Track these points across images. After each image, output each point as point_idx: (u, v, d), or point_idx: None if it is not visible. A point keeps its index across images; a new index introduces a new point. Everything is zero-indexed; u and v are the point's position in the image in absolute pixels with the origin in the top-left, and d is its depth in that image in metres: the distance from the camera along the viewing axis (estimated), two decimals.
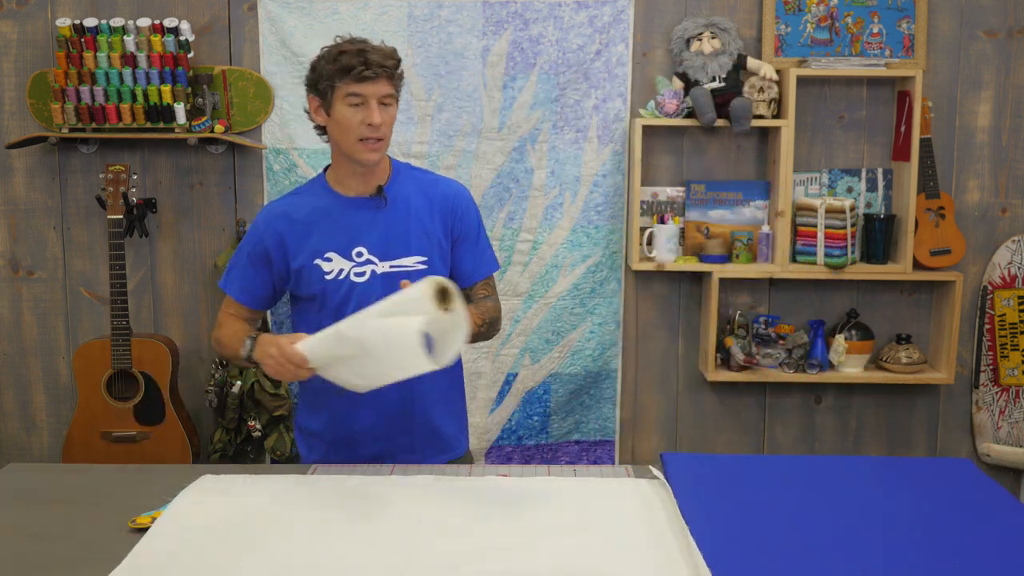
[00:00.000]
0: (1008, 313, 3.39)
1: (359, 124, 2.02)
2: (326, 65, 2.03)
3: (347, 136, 2.04)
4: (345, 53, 2.00)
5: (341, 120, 2.03)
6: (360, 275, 2.09)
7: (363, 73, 1.98)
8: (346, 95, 2.01)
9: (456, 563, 1.49)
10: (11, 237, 3.44)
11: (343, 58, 2.00)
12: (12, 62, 3.34)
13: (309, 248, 2.10)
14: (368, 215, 2.11)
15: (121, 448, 3.21)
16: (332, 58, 2.02)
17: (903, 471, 1.94)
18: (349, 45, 2.02)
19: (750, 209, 3.34)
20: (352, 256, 2.10)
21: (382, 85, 2.02)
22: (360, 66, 1.98)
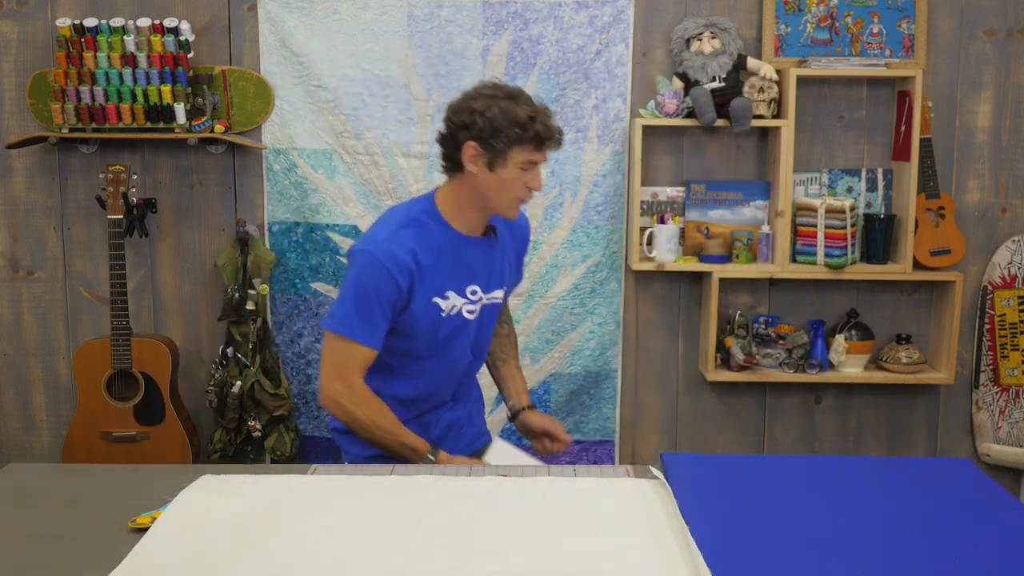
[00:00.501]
0: (1008, 313, 3.39)
1: (522, 187, 2.05)
2: (510, 127, 1.98)
3: (505, 194, 2.05)
4: (535, 121, 1.99)
5: (507, 179, 2.03)
6: (471, 312, 2.15)
7: (547, 145, 2.03)
8: (524, 160, 2.02)
9: (456, 563, 1.49)
10: (11, 237, 3.44)
11: (534, 126, 1.99)
12: (12, 62, 3.34)
13: (432, 287, 2.08)
14: (481, 253, 2.15)
15: (121, 448, 3.21)
16: (520, 123, 1.98)
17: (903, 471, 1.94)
18: (531, 109, 2.00)
19: (750, 209, 3.34)
20: (467, 294, 2.13)
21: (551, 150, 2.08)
22: (548, 137, 2.02)
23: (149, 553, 1.53)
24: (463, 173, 2.05)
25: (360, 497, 1.76)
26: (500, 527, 1.63)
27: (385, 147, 3.31)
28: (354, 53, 3.28)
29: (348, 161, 3.33)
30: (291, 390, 3.41)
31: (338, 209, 3.35)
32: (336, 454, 3.47)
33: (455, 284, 2.10)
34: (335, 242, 3.36)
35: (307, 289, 3.40)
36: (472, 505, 1.73)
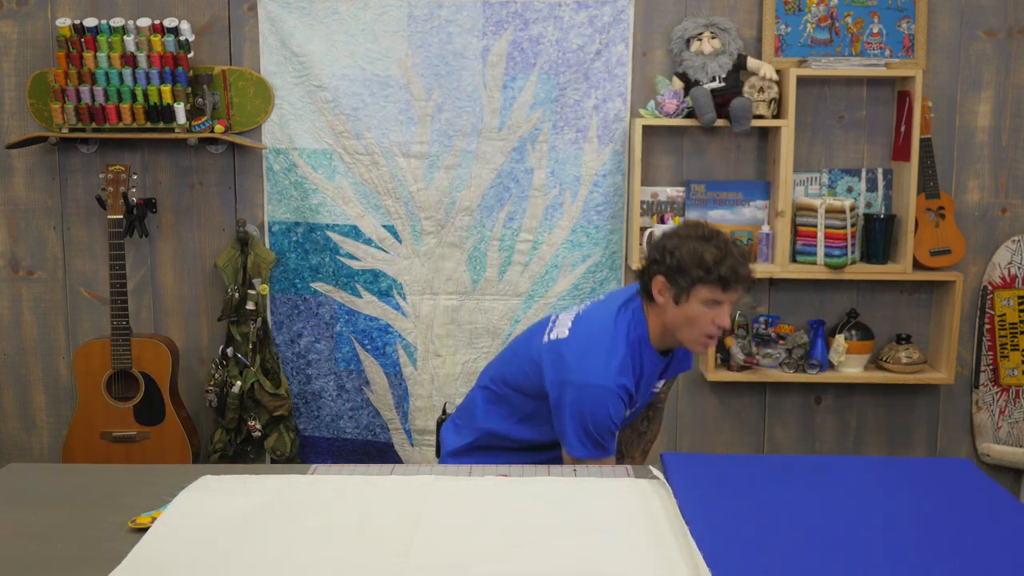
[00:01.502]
0: (1008, 313, 3.39)
1: (709, 323, 2.10)
2: (695, 268, 2.07)
3: (692, 330, 2.13)
4: (720, 265, 2.06)
5: (693, 316, 2.11)
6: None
7: (733, 286, 2.08)
8: (707, 298, 2.09)
9: (456, 563, 1.49)
10: (11, 237, 3.44)
11: (719, 270, 2.06)
12: (12, 62, 3.34)
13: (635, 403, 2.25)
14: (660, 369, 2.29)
15: (121, 448, 3.21)
16: (705, 265, 2.07)
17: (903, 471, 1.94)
18: (719, 253, 2.07)
19: (750, 209, 3.34)
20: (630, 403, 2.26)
21: (739, 292, 2.11)
22: (733, 279, 2.07)
23: (149, 553, 1.53)
24: (655, 303, 2.17)
25: (360, 497, 1.76)
26: (500, 527, 1.63)
27: (385, 147, 3.31)
28: (354, 53, 3.28)
29: (348, 161, 3.33)
30: (291, 390, 3.41)
31: (338, 209, 3.34)
32: (336, 454, 3.48)
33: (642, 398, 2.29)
34: (335, 242, 3.36)
35: (307, 289, 3.40)
36: (472, 505, 1.73)
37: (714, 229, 2.15)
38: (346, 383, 3.43)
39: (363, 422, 3.45)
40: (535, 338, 2.28)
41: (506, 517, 1.67)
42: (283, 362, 3.41)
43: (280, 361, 3.39)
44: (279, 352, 3.41)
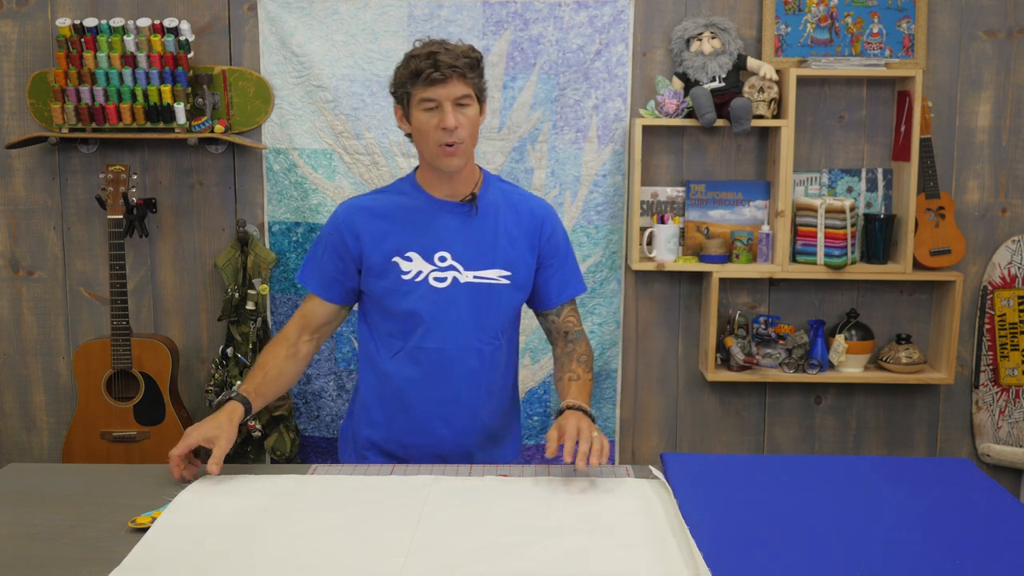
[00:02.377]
0: (1008, 313, 3.39)
1: (435, 129, 1.96)
2: (401, 71, 1.98)
3: (427, 143, 1.99)
4: (415, 57, 1.95)
5: (419, 127, 1.98)
6: (440, 280, 2.04)
7: (432, 76, 1.92)
8: (420, 100, 1.96)
9: (455, 563, 1.49)
10: (11, 237, 3.44)
11: (413, 62, 1.95)
12: (12, 62, 3.34)
13: (390, 244, 2.05)
14: (456, 220, 2.06)
15: (121, 448, 3.21)
16: (405, 63, 1.98)
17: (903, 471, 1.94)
18: (420, 48, 1.96)
19: (750, 209, 3.35)
20: (434, 260, 2.04)
21: (455, 86, 1.94)
22: (429, 69, 1.92)
23: (149, 553, 1.53)
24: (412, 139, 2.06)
25: (360, 497, 1.76)
26: (500, 527, 1.63)
27: (385, 147, 3.31)
28: (354, 53, 3.28)
29: (348, 161, 3.33)
30: (291, 390, 3.41)
31: None
32: (336, 454, 3.47)
33: (421, 246, 2.04)
34: None
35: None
36: (472, 505, 1.73)
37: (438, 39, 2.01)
38: (346, 383, 3.43)
39: None
40: None
41: (505, 517, 1.67)
42: None
43: None
44: None
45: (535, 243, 2.12)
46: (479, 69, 2.01)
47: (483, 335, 2.09)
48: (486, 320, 2.08)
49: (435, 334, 2.06)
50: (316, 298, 2.12)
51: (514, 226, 2.10)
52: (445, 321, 2.05)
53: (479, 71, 2.01)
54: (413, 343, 2.07)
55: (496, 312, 2.09)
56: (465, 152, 2.00)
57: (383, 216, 2.07)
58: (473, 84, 1.99)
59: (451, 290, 2.04)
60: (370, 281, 2.07)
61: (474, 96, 2.00)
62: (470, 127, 1.99)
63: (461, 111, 1.97)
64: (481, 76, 2.02)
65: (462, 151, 1.99)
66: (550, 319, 2.18)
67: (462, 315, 2.06)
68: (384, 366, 2.11)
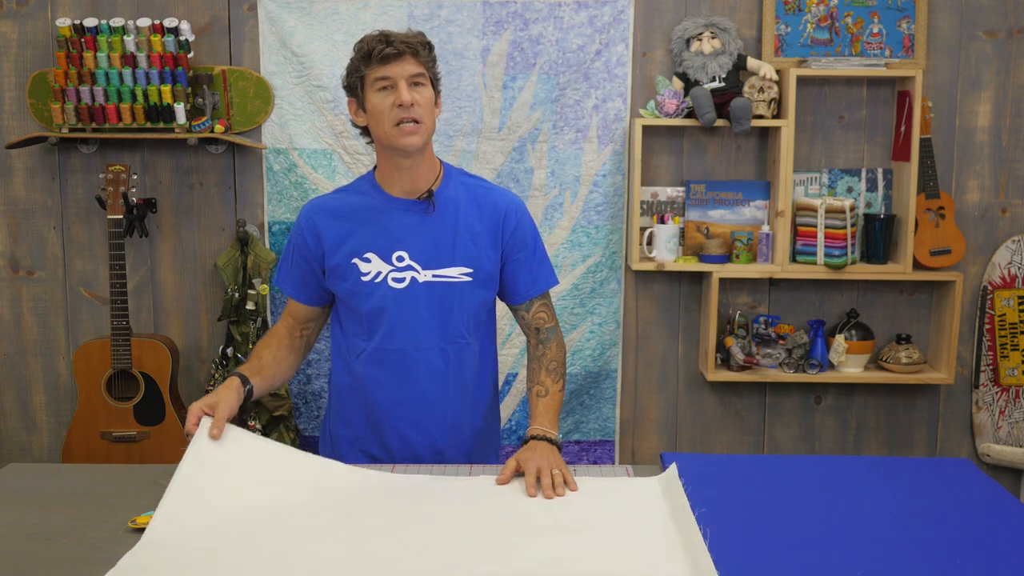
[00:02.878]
0: (1008, 313, 3.39)
1: (391, 107, 1.92)
2: (352, 58, 1.98)
3: (383, 124, 1.94)
4: (366, 40, 1.95)
5: (374, 109, 1.94)
6: (399, 281, 2.02)
7: (384, 52, 1.91)
8: (374, 80, 1.93)
9: (453, 563, 1.49)
10: (11, 237, 3.44)
11: (364, 45, 1.94)
12: (12, 62, 3.34)
13: (349, 246, 2.03)
14: (413, 219, 2.03)
15: (121, 448, 3.21)
16: (356, 49, 1.97)
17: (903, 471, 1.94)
18: (372, 33, 1.97)
19: (750, 209, 3.34)
20: (392, 260, 2.02)
21: (408, 64, 1.92)
22: (381, 46, 1.91)
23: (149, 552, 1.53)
24: (369, 136, 2.03)
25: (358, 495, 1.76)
26: (499, 526, 1.63)
27: None
28: None
29: (348, 161, 3.33)
30: (291, 390, 3.41)
31: None
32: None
33: (378, 246, 2.02)
34: None
35: None
36: (471, 504, 1.73)
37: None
38: None
39: None
40: None
41: (505, 516, 1.67)
42: None
43: None
44: None
45: (498, 238, 2.06)
46: (432, 53, 1.99)
47: (447, 334, 2.05)
48: (448, 319, 2.05)
49: (396, 335, 2.04)
50: (295, 302, 2.13)
51: (476, 221, 2.05)
52: (405, 322, 2.03)
53: (432, 55, 1.99)
54: (375, 344, 2.06)
55: (459, 310, 2.05)
56: (425, 132, 1.96)
57: (342, 216, 2.05)
58: (426, 65, 1.96)
59: (410, 290, 2.02)
60: (333, 282, 2.07)
61: (428, 77, 1.97)
62: (427, 107, 1.95)
63: (416, 90, 1.94)
64: (434, 62, 1.99)
65: (421, 130, 1.95)
66: (520, 315, 2.14)
67: (422, 315, 2.03)
68: (352, 366, 2.11)
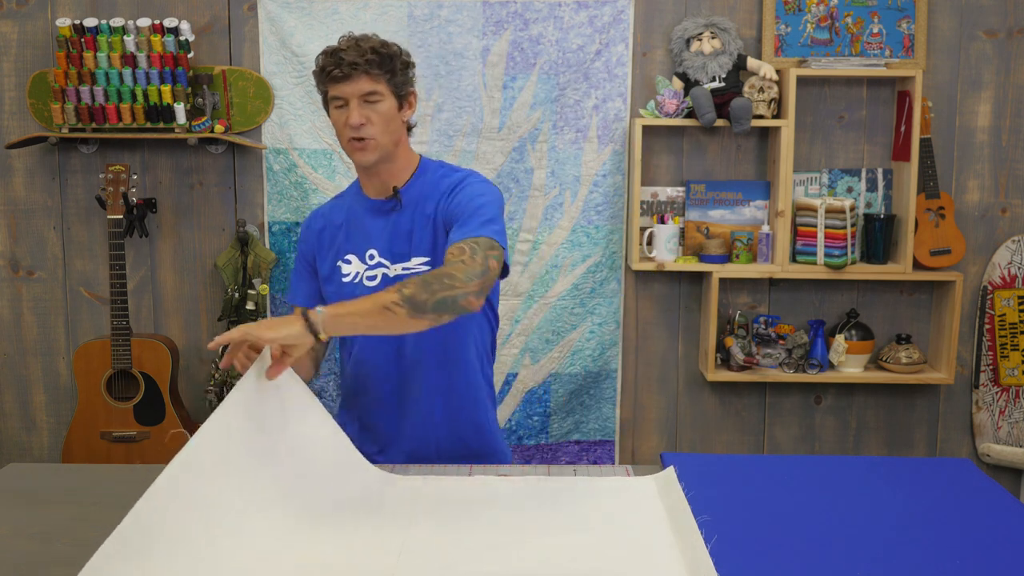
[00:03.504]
0: (1008, 313, 3.39)
1: (344, 126, 1.95)
2: (315, 67, 1.98)
3: (341, 140, 1.99)
4: (323, 54, 1.94)
5: (333, 123, 1.99)
6: (371, 279, 2.04)
7: (333, 73, 1.91)
8: (331, 98, 1.96)
9: (452, 563, 1.49)
10: (11, 237, 3.44)
11: (319, 59, 1.95)
12: (12, 62, 3.34)
13: (334, 250, 2.08)
14: (382, 218, 2.05)
15: (121, 448, 3.21)
16: (316, 59, 1.98)
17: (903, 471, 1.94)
18: (331, 45, 1.95)
19: (750, 209, 3.34)
20: (365, 259, 2.05)
21: (360, 83, 1.91)
22: (331, 67, 1.92)
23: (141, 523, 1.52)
24: None
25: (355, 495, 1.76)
26: (499, 526, 1.63)
27: None
28: None
29: (348, 161, 3.33)
30: None
31: None
32: None
33: (355, 247, 2.06)
34: None
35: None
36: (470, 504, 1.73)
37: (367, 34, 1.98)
38: None
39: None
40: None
41: (505, 517, 1.67)
42: None
43: None
44: None
45: (438, 214, 2.01)
46: (391, 64, 1.95)
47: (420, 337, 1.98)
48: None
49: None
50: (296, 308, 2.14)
51: (432, 207, 2.02)
52: None
53: (390, 66, 1.95)
54: (358, 343, 2.09)
55: None
56: (378, 148, 1.96)
57: (332, 223, 2.10)
58: (384, 79, 1.94)
59: (381, 287, 2.01)
60: (324, 288, 2.11)
61: (387, 92, 1.95)
62: (381, 123, 1.95)
63: (370, 107, 1.94)
64: (394, 72, 1.96)
65: (372, 146, 1.95)
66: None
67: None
68: (346, 367, 2.16)
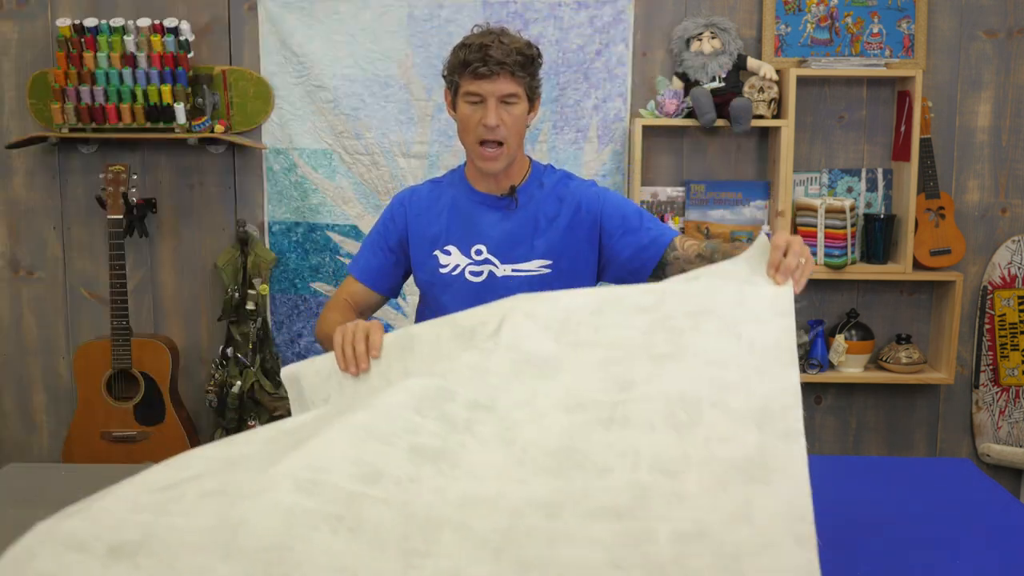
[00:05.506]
0: (1008, 313, 3.39)
1: (477, 124, 1.90)
2: (452, 58, 1.92)
3: (467, 136, 1.94)
4: (467, 47, 1.88)
5: (462, 118, 1.93)
6: (476, 275, 2.01)
7: (478, 70, 1.86)
8: (465, 93, 1.90)
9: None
10: (11, 237, 3.44)
11: (463, 52, 1.88)
12: (12, 62, 3.34)
13: (431, 237, 2.03)
14: (495, 214, 2.02)
15: (121, 448, 3.21)
16: (456, 50, 1.91)
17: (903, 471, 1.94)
18: (476, 37, 1.89)
19: (750, 209, 3.35)
20: (471, 253, 2.01)
21: (503, 83, 1.87)
22: (477, 63, 1.85)
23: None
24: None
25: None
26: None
27: (385, 147, 3.31)
28: (354, 53, 3.28)
29: (348, 161, 3.33)
30: None
31: (338, 209, 3.35)
32: None
33: (458, 239, 2.02)
34: (335, 242, 3.36)
35: (307, 289, 3.40)
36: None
37: (503, 27, 1.93)
38: None
39: None
40: None
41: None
42: (283, 362, 3.41)
43: (280, 361, 3.39)
44: (279, 352, 3.41)
45: (586, 225, 2.01)
46: (532, 67, 1.93)
47: None
48: None
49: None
50: (358, 284, 2.10)
51: (555, 214, 2.02)
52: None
53: (532, 69, 1.93)
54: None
55: None
56: (507, 154, 1.95)
57: (430, 208, 2.06)
58: (523, 83, 1.91)
59: (487, 284, 2.00)
60: (416, 273, 2.09)
61: (523, 95, 1.92)
62: (514, 125, 1.92)
63: (505, 109, 1.91)
64: (534, 75, 1.94)
65: (503, 153, 1.93)
66: (673, 257, 1.96)
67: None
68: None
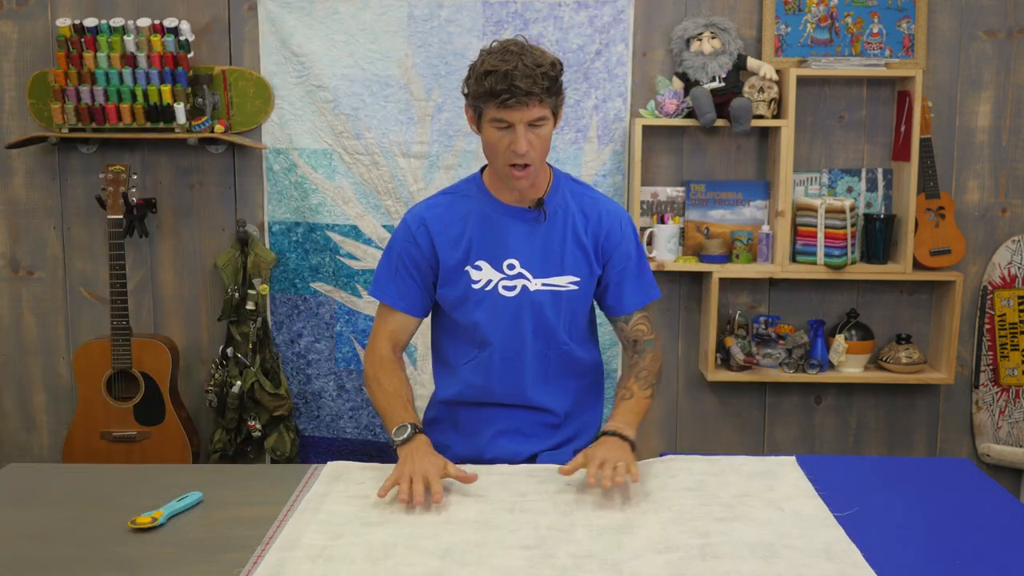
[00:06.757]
0: (1008, 313, 3.39)
1: (505, 149, 1.88)
2: (474, 84, 1.89)
3: (495, 159, 1.92)
4: (492, 74, 1.83)
5: (489, 142, 1.91)
6: (509, 289, 2.00)
7: (507, 102, 1.83)
8: (492, 119, 1.87)
9: None
10: (11, 237, 3.44)
11: (488, 80, 1.84)
12: (12, 62, 3.34)
13: (460, 252, 2.00)
14: (525, 227, 2.00)
15: (121, 448, 3.21)
16: (479, 77, 1.86)
17: (903, 471, 1.94)
18: (498, 61, 1.84)
19: (750, 209, 3.34)
20: (503, 268, 2.00)
21: (532, 110, 1.85)
22: (504, 94, 1.82)
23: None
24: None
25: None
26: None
27: (385, 147, 3.31)
28: (354, 53, 3.28)
29: (348, 161, 3.33)
30: (291, 390, 3.41)
31: (338, 209, 3.35)
32: (336, 454, 3.47)
33: (488, 254, 2.00)
34: (335, 242, 3.36)
35: (307, 289, 3.40)
36: None
37: (521, 42, 1.89)
38: (346, 383, 3.43)
39: (363, 422, 3.45)
40: None
41: None
42: (283, 362, 3.41)
43: (280, 361, 3.39)
44: (279, 352, 3.41)
45: (600, 250, 2.05)
46: (557, 87, 1.90)
47: (552, 340, 2.04)
48: (556, 326, 2.04)
49: (505, 342, 2.02)
50: (398, 313, 2.05)
51: (583, 230, 2.03)
52: (515, 329, 2.01)
53: (556, 88, 1.90)
54: (485, 352, 2.04)
55: (566, 317, 2.04)
56: (533, 172, 1.94)
57: (453, 222, 2.02)
58: (551, 104, 1.89)
59: (520, 298, 2.00)
60: (443, 290, 2.04)
61: (550, 114, 1.91)
62: (541, 147, 1.92)
63: (534, 132, 1.89)
64: (559, 92, 1.92)
65: (531, 172, 1.93)
66: (619, 326, 2.11)
67: (532, 323, 2.02)
68: (459, 372, 2.08)
